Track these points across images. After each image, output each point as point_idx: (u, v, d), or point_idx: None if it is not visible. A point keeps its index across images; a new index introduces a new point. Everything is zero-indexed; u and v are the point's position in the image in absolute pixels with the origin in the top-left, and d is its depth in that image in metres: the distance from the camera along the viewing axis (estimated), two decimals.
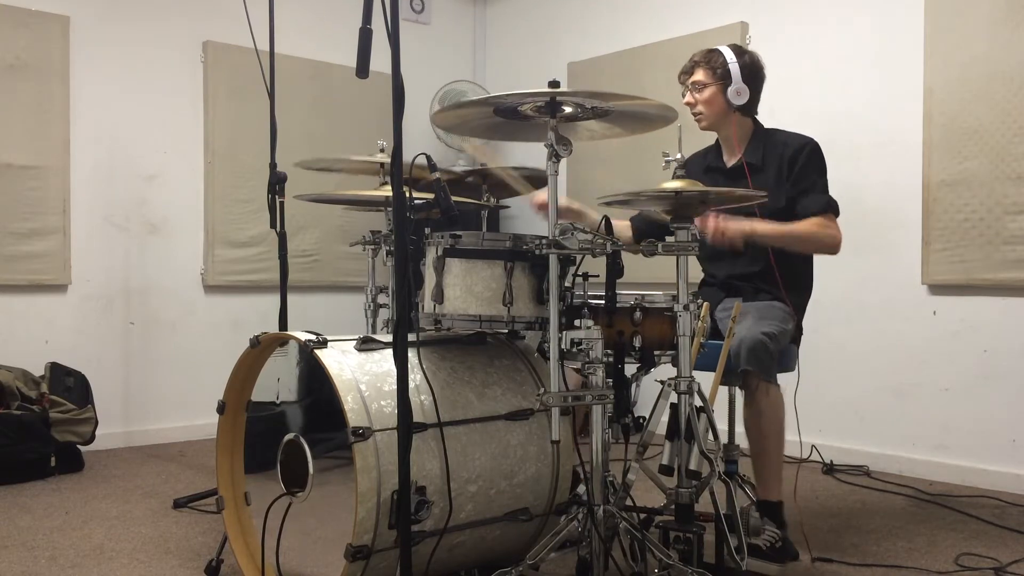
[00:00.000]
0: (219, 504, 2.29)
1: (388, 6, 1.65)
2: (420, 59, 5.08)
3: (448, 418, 2.03)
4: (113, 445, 4.05)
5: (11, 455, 3.38)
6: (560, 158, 1.98)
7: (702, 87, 2.68)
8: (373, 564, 1.91)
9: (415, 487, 1.91)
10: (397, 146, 1.67)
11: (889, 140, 3.69)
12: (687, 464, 2.09)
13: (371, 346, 2.10)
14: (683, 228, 2.07)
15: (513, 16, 5.42)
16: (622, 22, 4.73)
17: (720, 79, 2.65)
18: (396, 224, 1.68)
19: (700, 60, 2.69)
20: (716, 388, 2.29)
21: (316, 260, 4.75)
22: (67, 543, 2.65)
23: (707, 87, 2.67)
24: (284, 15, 3.25)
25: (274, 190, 2.82)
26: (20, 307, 3.90)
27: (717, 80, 2.65)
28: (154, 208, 4.27)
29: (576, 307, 2.02)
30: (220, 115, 4.41)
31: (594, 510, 2.01)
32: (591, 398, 1.99)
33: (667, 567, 1.98)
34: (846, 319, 3.78)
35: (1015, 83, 3.32)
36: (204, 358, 4.31)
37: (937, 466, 3.54)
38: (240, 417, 2.30)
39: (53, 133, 3.95)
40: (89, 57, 4.06)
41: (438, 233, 2.09)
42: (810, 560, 2.47)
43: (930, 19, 3.54)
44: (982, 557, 2.53)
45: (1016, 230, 3.32)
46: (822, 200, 2.60)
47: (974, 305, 3.47)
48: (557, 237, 1.93)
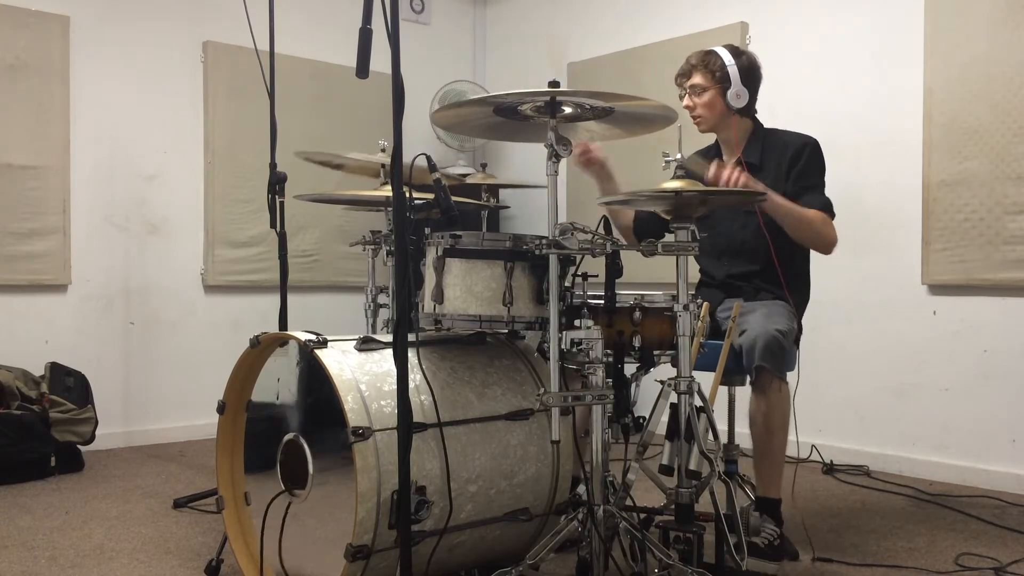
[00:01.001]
0: (219, 504, 2.29)
1: (388, 6, 1.65)
2: (420, 59, 5.08)
3: (448, 418, 2.03)
4: (113, 445, 4.05)
5: (11, 455, 3.38)
6: (560, 158, 1.99)
7: (701, 91, 2.66)
8: (373, 564, 1.91)
9: (415, 487, 1.91)
10: (397, 146, 1.67)
11: (889, 140, 3.69)
12: (687, 464, 2.09)
13: (371, 346, 2.10)
14: (683, 228, 2.07)
15: (513, 16, 5.42)
16: (622, 22, 4.73)
17: (719, 82, 2.63)
18: (396, 224, 1.68)
19: (697, 63, 2.67)
20: (716, 388, 2.29)
21: (316, 260, 4.75)
22: (67, 543, 2.65)
23: (706, 91, 2.65)
24: (284, 15, 3.24)
25: (274, 190, 2.82)
26: (20, 307, 3.90)
27: (716, 83, 2.64)
28: (154, 208, 4.27)
29: (576, 307, 2.02)
30: (220, 115, 4.41)
31: (594, 510, 2.02)
32: (591, 398, 1.99)
33: (667, 567, 1.98)
34: (846, 319, 3.78)
35: (1015, 83, 3.32)
36: (204, 358, 4.31)
37: (937, 466, 3.54)
38: (240, 417, 2.30)
39: (53, 133, 3.95)
40: (89, 57, 4.06)
41: (438, 233, 2.09)
42: (810, 560, 2.47)
43: (930, 19, 3.54)
44: (982, 557, 2.53)
45: (1016, 230, 3.32)
46: (822, 200, 2.61)
47: (974, 305, 3.46)
48: (557, 237, 1.93)
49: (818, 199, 2.60)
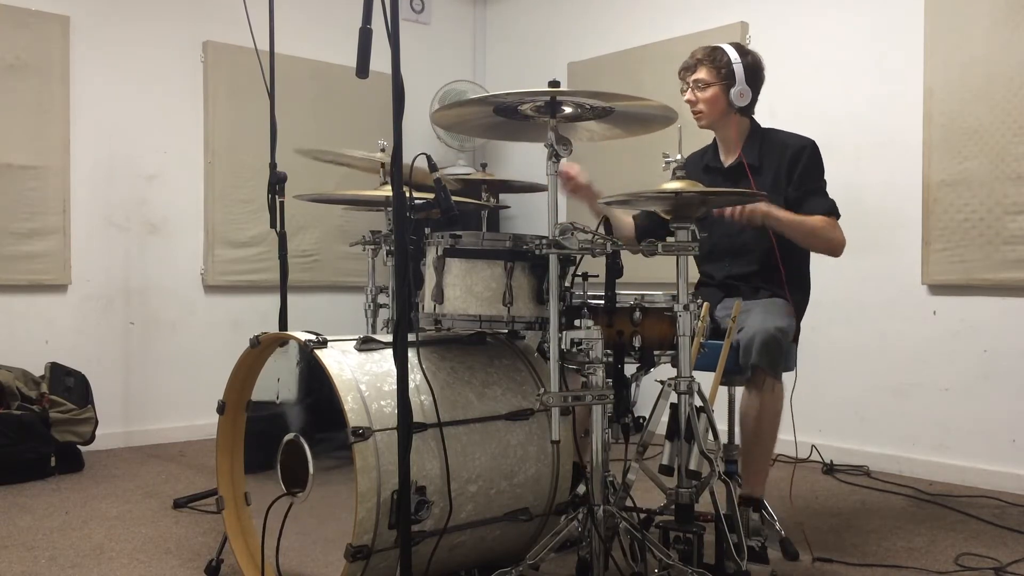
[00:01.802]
0: (219, 504, 2.29)
1: (388, 6, 1.65)
2: (420, 59, 5.08)
3: (448, 418, 2.03)
4: (113, 445, 4.05)
5: (11, 455, 3.38)
6: (560, 158, 1.99)
7: (705, 86, 2.66)
8: (373, 564, 1.91)
9: (415, 487, 1.91)
10: (397, 146, 1.67)
11: (889, 140, 3.69)
12: (687, 464, 2.09)
13: (371, 346, 2.10)
14: (683, 228, 2.07)
15: (513, 16, 5.42)
16: (622, 22, 4.73)
17: (724, 79, 2.63)
18: (396, 224, 1.68)
19: (704, 58, 2.66)
20: (716, 388, 2.29)
21: (316, 260, 4.75)
22: (67, 543, 2.65)
23: (710, 86, 2.65)
24: (284, 15, 3.24)
25: (274, 190, 2.81)
26: (20, 307, 3.90)
27: (721, 80, 2.63)
28: (154, 208, 4.27)
29: (576, 307, 2.02)
30: (220, 115, 4.41)
31: (594, 510, 2.02)
32: (591, 398, 1.99)
33: (667, 567, 1.98)
34: (846, 319, 3.78)
35: (1015, 83, 3.32)
36: (204, 358, 4.30)
37: (937, 466, 3.54)
38: (240, 417, 2.30)
39: (53, 133, 3.95)
40: (89, 57, 4.05)
41: (438, 233, 2.09)
42: (810, 560, 2.47)
43: (930, 19, 3.54)
44: (982, 557, 2.52)
45: (1016, 230, 3.32)
46: (827, 203, 2.61)
47: (974, 305, 3.46)
48: (557, 237, 1.93)
49: (822, 203, 2.60)
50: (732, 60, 2.62)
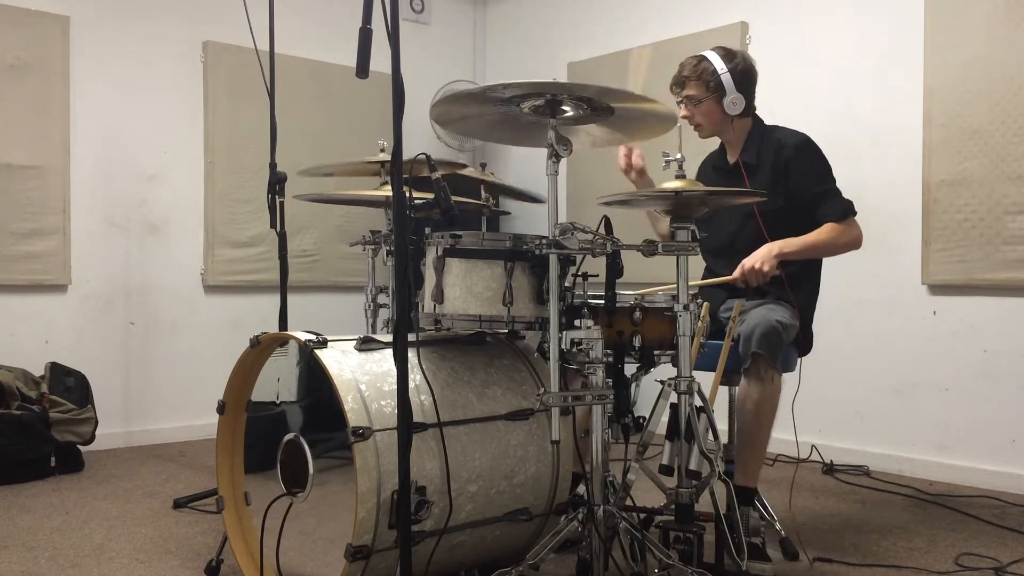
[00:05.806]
0: (219, 504, 2.29)
1: (388, 6, 1.65)
2: (420, 59, 5.09)
3: (448, 418, 2.03)
4: (113, 445, 4.05)
5: (11, 455, 3.38)
6: (560, 158, 1.99)
7: (697, 101, 2.65)
8: (373, 564, 1.91)
9: (415, 487, 1.91)
10: (397, 146, 1.67)
11: (889, 140, 3.69)
12: (687, 464, 2.09)
13: (371, 346, 2.10)
14: (683, 228, 2.07)
15: (513, 16, 5.42)
16: (622, 22, 4.73)
17: (713, 92, 2.61)
18: (396, 224, 1.68)
19: (690, 74, 2.64)
20: (716, 388, 2.29)
21: (316, 260, 4.74)
22: (67, 543, 2.65)
23: (702, 101, 2.64)
24: (284, 15, 3.24)
25: (274, 190, 2.82)
26: (20, 307, 3.90)
27: (710, 93, 2.62)
28: (154, 208, 4.27)
29: (576, 307, 2.02)
30: (220, 115, 4.41)
31: (594, 510, 2.02)
32: (591, 398, 1.99)
33: (667, 567, 1.98)
34: (846, 319, 3.77)
35: (1015, 83, 3.32)
36: (204, 358, 4.31)
37: (937, 466, 3.54)
38: (240, 417, 2.30)
39: (53, 133, 3.95)
40: (89, 57, 4.05)
41: (438, 233, 2.09)
42: (810, 560, 2.47)
43: (930, 19, 3.54)
44: (982, 557, 2.53)
45: (1016, 230, 3.32)
46: (840, 206, 2.58)
47: (974, 305, 3.46)
48: (557, 237, 1.93)
49: (835, 207, 2.58)
50: (719, 71, 2.60)
